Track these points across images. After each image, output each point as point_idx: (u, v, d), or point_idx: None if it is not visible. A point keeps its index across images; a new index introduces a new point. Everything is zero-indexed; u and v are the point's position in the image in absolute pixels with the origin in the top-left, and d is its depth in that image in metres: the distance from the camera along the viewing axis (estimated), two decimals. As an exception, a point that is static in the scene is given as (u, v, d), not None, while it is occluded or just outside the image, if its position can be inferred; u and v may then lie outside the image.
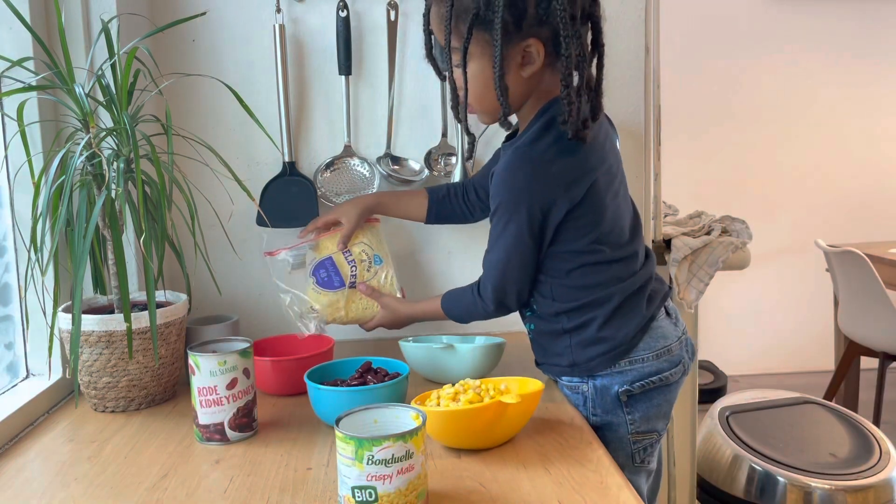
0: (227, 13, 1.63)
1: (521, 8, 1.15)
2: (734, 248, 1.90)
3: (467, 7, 1.16)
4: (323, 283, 1.51)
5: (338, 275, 1.51)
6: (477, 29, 1.16)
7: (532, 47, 1.17)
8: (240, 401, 1.18)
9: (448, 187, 1.55)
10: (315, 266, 1.52)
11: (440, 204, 1.54)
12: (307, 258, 1.54)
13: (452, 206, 1.54)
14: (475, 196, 1.52)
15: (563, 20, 1.14)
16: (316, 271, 1.52)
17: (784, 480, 2.05)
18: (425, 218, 1.55)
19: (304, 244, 1.54)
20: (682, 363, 1.32)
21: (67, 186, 1.22)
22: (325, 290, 1.51)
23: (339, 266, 1.51)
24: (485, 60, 1.18)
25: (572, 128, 1.17)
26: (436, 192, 1.55)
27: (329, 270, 1.51)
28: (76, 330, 1.18)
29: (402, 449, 0.90)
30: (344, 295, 1.51)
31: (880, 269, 3.14)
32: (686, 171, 3.86)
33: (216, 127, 1.63)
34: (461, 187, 1.54)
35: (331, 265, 1.51)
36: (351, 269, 1.51)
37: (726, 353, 4.17)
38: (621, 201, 1.29)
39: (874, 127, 4.30)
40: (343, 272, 1.51)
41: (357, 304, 1.52)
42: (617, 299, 1.26)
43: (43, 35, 1.36)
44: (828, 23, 4.18)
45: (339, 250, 1.51)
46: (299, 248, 1.54)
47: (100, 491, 1.03)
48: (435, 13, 1.22)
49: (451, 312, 1.40)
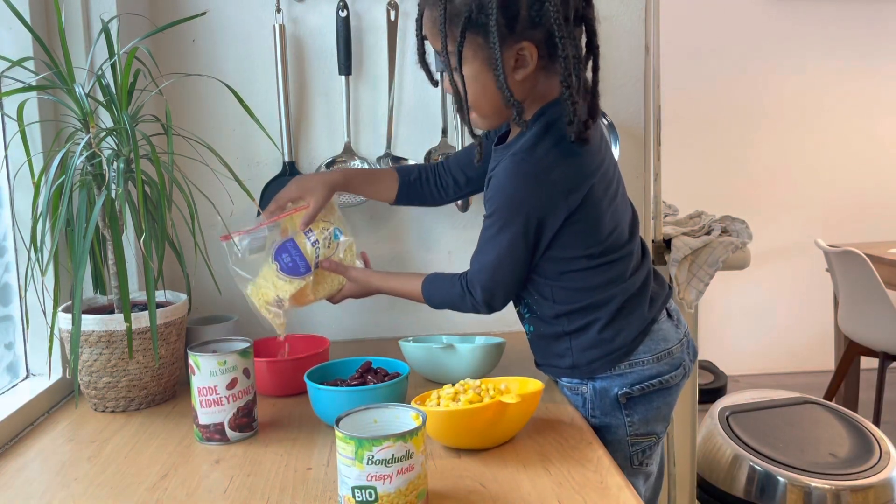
0: (228, 13, 1.63)
1: (514, 10, 1.14)
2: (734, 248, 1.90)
3: (460, 11, 1.15)
4: (287, 270, 1.40)
5: (302, 259, 1.40)
6: (470, 32, 1.15)
7: (525, 50, 1.16)
8: (240, 401, 1.18)
9: (419, 170, 1.50)
10: (276, 249, 1.41)
11: (410, 187, 1.49)
12: (267, 240, 1.43)
13: (423, 190, 1.50)
14: (451, 181, 1.48)
15: (556, 22, 1.13)
16: (278, 255, 1.41)
17: (784, 480, 2.05)
18: (393, 200, 1.50)
19: (263, 226, 1.42)
20: (683, 366, 1.32)
21: (67, 186, 1.22)
22: (292, 277, 1.40)
23: (301, 249, 1.41)
24: (478, 64, 1.17)
25: (575, 129, 1.17)
26: (406, 174, 1.50)
27: (292, 254, 1.41)
28: (76, 330, 1.18)
29: (402, 449, 0.90)
30: (311, 279, 1.42)
31: (880, 269, 3.14)
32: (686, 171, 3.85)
33: (216, 127, 1.63)
34: (433, 171, 1.49)
35: (293, 248, 1.41)
36: (315, 251, 1.41)
37: (726, 353, 4.17)
38: (619, 202, 1.28)
39: (874, 127, 4.30)
40: (308, 255, 1.40)
41: (324, 284, 1.44)
42: (618, 301, 1.26)
43: (43, 35, 1.36)
44: (828, 22, 4.18)
45: (301, 231, 1.42)
46: (257, 230, 1.42)
47: (100, 491, 1.03)
48: (428, 18, 1.21)
49: (432, 299, 1.35)
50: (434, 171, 1.50)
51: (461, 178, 1.47)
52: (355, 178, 1.48)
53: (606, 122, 1.70)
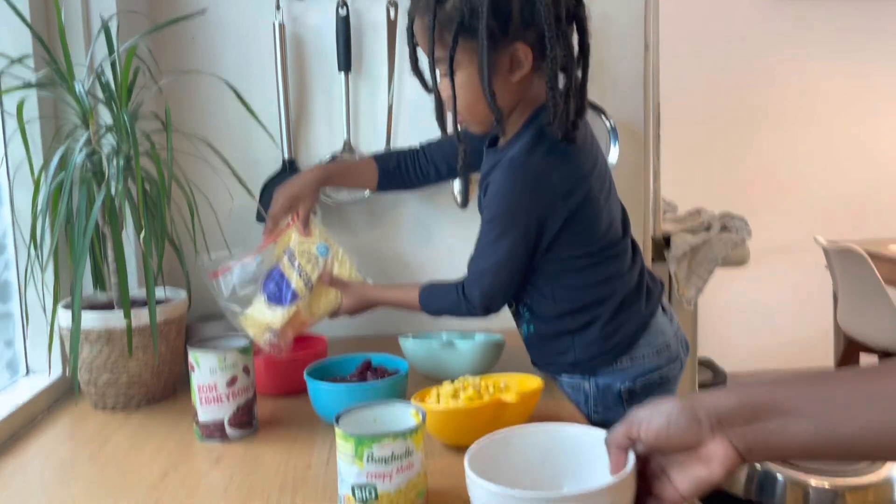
0: (227, 11, 1.63)
1: (506, 12, 1.13)
2: (733, 245, 1.90)
3: (451, 16, 1.14)
4: (274, 299, 1.36)
5: (289, 287, 1.37)
6: (463, 37, 1.15)
7: (519, 51, 1.16)
8: (240, 398, 1.18)
9: (398, 158, 1.50)
10: (264, 280, 1.38)
11: (390, 175, 1.49)
12: (257, 270, 1.39)
13: (403, 178, 1.50)
14: (433, 170, 1.48)
15: (548, 22, 1.13)
16: (266, 286, 1.38)
17: (783, 479, 2.05)
18: (375, 188, 1.51)
19: (250, 258, 1.39)
20: (680, 359, 1.33)
21: (67, 183, 1.22)
22: (279, 306, 1.36)
23: (287, 275, 1.37)
24: (472, 69, 1.17)
25: (560, 130, 1.17)
26: (385, 162, 1.49)
27: (278, 283, 1.37)
28: (76, 327, 1.18)
29: (402, 447, 0.90)
30: (305, 302, 1.38)
31: (880, 266, 3.14)
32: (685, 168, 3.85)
33: (216, 124, 1.63)
34: (413, 158, 1.49)
35: (279, 276, 1.38)
36: (298, 274, 1.37)
37: (726, 350, 4.17)
38: (613, 201, 1.29)
39: (874, 124, 4.30)
40: (294, 282, 1.37)
41: (318, 303, 1.41)
42: (618, 296, 1.26)
43: (43, 32, 1.35)
44: (828, 21, 4.17)
45: (304, 237, 1.40)
46: (245, 264, 1.39)
47: (100, 489, 1.03)
48: (419, 25, 1.21)
49: (429, 307, 1.35)
50: (414, 158, 1.50)
51: (443, 168, 1.48)
52: (335, 172, 1.49)
53: (608, 123, 1.70)
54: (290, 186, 1.43)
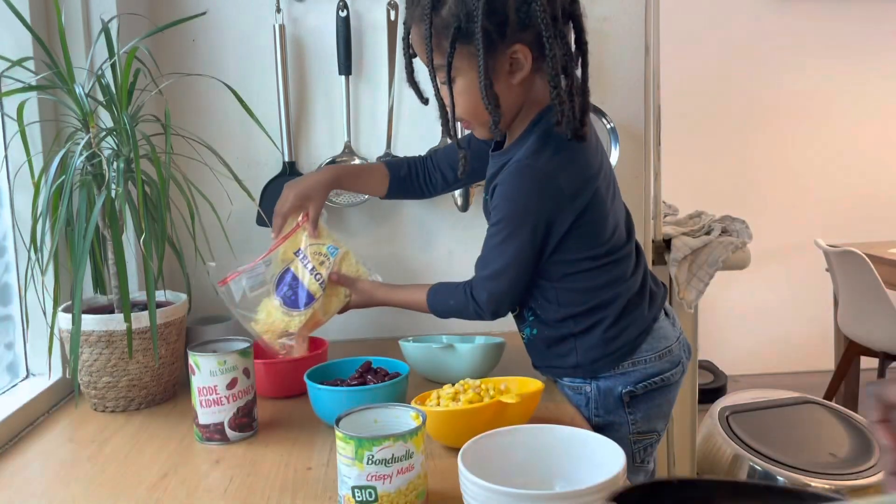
0: (227, 13, 1.63)
1: (502, 14, 1.13)
2: (734, 248, 1.90)
3: (447, 22, 1.14)
4: (290, 303, 1.37)
5: (303, 289, 1.38)
6: (460, 43, 1.14)
7: (518, 53, 1.16)
8: (240, 400, 1.18)
9: (409, 166, 1.50)
10: (277, 283, 1.38)
11: (401, 182, 1.49)
12: (266, 274, 1.40)
13: (412, 186, 1.50)
14: (440, 178, 1.48)
15: (544, 22, 1.12)
16: (279, 290, 1.38)
17: (784, 480, 2.05)
18: (384, 195, 1.51)
19: (259, 262, 1.39)
20: (682, 363, 1.33)
21: (67, 186, 1.22)
22: (297, 310, 1.37)
23: (301, 278, 1.38)
24: (473, 73, 1.16)
25: (569, 129, 1.16)
26: (396, 169, 1.49)
27: (292, 287, 1.37)
28: (76, 330, 1.18)
29: (402, 449, 0.90)
30: (319, 303, 1.39)
31: (880, 268, 3.14)
32: (686, 171, 3.85)
33: (216, 127, 1.63)
34: (422, 167, 1.49)
35: (293, 279, 1.38)
36: (314, 277, 1.38)
37: (726, 353, 4.17)
38: (618, 203, 1.29)
39: (875, 126, 4.30)
40: (308, 284, 1.38)
41: (331, 303, 1.41)
42: (622, 300, 1.26)
43: (43, 35, 1.35)
44: (828, 22, 4.18)
45: (313, 238, 1.40)
46: (253, 268, 1.39)
47: (100, 491, 1.03)
48: (416, 34, 1.20)
49: (437, 308, 1.35)
50: (423, 167, 1.50)
51: (450, 176, 1.48)
52: (346, 175, 1.48)
53: (608, 125, 1.70)
54: (300, 185, 1.42)
